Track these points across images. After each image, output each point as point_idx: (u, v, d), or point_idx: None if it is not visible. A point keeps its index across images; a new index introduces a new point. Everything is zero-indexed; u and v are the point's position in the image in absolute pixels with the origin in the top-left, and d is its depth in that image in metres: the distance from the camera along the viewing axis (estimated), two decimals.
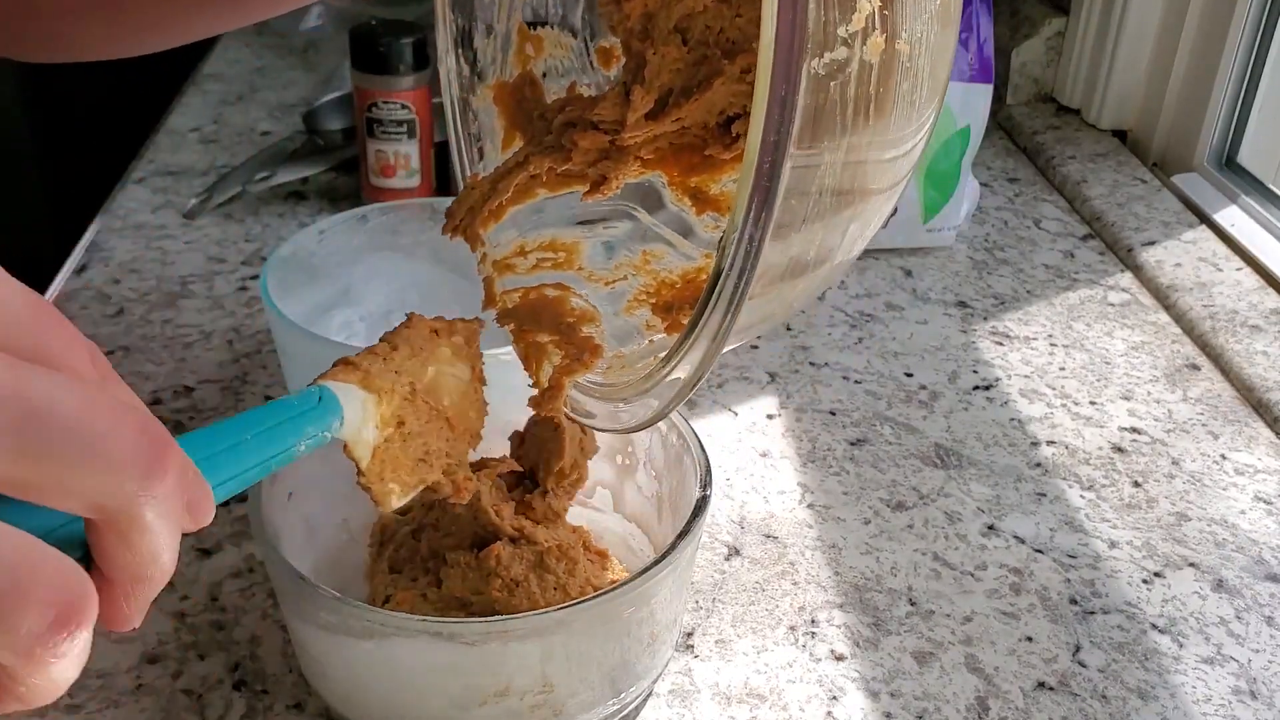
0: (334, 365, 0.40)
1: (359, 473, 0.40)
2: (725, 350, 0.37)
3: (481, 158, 0.48)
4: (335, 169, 0.90)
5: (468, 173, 0.48)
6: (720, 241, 0.32)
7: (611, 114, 0.39)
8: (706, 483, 0.47)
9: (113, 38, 0.52)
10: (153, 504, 0.25)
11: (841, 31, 0.30)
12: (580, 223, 0.47)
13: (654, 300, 0.45)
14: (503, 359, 0.54)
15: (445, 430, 0.44)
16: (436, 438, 0.43)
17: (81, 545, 0.26)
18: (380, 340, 0.41)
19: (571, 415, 0.44)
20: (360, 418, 0.39)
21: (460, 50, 0.47)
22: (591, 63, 0.47)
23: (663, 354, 0.37)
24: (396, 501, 0.42)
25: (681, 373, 0.36)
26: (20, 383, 0.24)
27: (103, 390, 0.25)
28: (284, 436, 0.36)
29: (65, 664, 0.25)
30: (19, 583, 0.23)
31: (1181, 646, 0.52)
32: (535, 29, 0.47)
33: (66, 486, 0.24)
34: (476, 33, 0.47)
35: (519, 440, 0.49)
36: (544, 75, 0.47)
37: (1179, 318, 0.78)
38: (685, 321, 0.35)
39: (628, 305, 0.46)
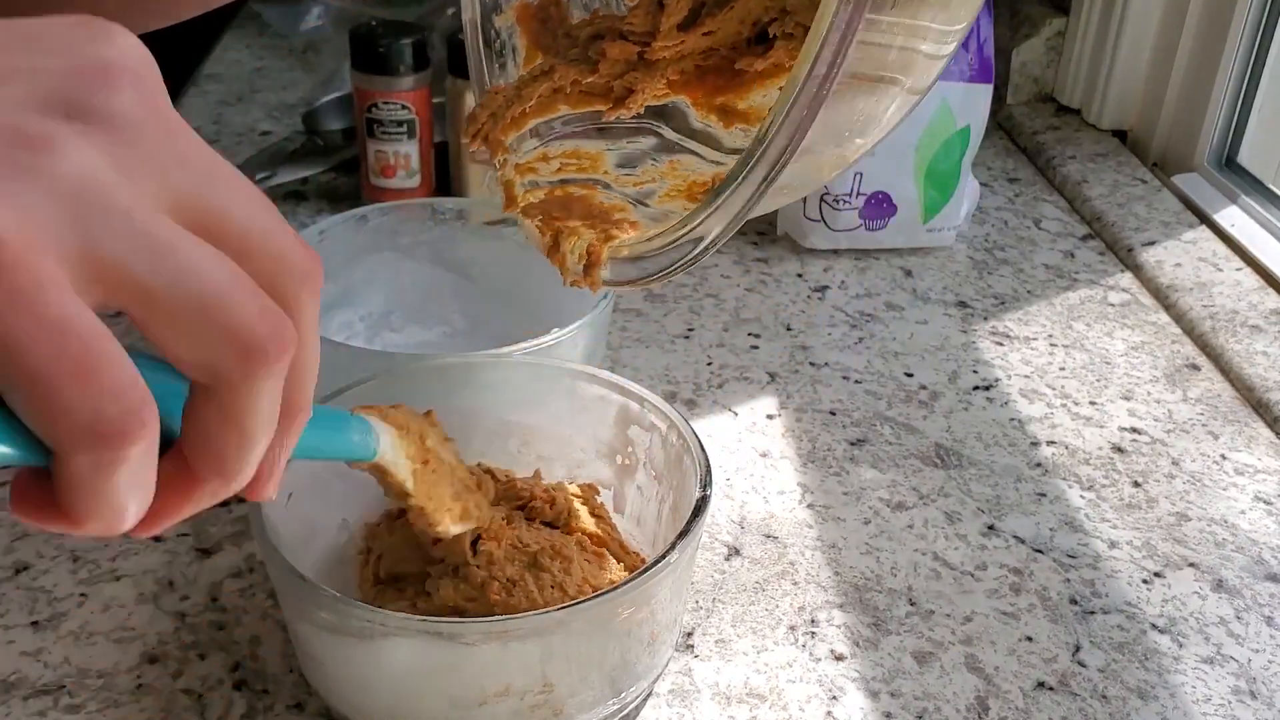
0: (352, 410, 0.41)
1: (408, 494, 0.41)
2: (789, 180, 0.33)
3: (503, 71, 0.46)
4: (335, 169, 0.90)
5: (487, 86, 0.46)
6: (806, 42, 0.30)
7: (643, 24, 0.38)
8: (706, 483, 0.47)
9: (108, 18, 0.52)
10: (265, 380, 0.26)
11: None
12: (603, 137, 0.46)
13: (687, 194, 0.43)
14: (499, 358, 0.54)
15: (460, 484, 0.45)
16: (458, 484, 0.44)
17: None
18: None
19: (610, 280, 0.41)
20: (393, 447, 0.41)
21: None
22: None
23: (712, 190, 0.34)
24: (455, 527, 0.43)
25: (746, 190, 0.33)
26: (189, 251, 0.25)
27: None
28: (340, 424, 0.37)
29: (124, 478, 0.24)
30: (87, 366, 0.23)
31: (1181, 646, 0.52)
32: None
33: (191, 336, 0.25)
34: None
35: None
36: (568, 4, 0.45)
37: (1179, 318, 0.78)
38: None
39: (659, 200, 0.44)
